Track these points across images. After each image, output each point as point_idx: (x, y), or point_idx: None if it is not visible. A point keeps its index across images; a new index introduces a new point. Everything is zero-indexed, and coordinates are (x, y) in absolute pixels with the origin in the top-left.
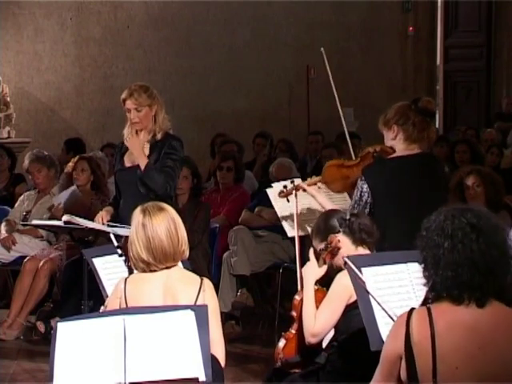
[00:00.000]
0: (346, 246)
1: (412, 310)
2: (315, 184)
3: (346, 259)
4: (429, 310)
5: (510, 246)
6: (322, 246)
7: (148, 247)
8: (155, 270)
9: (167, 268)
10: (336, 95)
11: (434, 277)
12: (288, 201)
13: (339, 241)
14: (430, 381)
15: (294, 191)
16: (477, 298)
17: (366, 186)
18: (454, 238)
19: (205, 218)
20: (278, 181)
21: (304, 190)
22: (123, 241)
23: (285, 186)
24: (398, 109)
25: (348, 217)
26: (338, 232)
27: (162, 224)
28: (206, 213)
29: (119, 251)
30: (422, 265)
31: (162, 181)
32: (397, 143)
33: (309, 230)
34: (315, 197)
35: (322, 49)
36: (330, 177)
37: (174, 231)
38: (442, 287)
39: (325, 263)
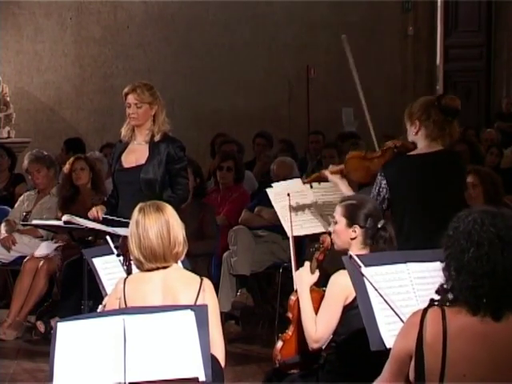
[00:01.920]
0: (356, 242)
1: (426, 309)
2: (338, 173)
3: (352, 254)
4: (443, 311)
5: None
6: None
7: (139, 246)
8: (150, 270)
9: (159, 268)
10: (357, 81)
11: (455, 281)
12: (311, 187)
13: (331, 241)
14: (436, 383)
15: (319, 178)
16: (493, 311)
17: (384, 182)
18: (480, 247)
19: (214, 222)
20: (278, 179)
21: (326, 179)
22: (120, 241)
23: (307, 175)
24: (422, 104)
25: (380, 225)
26: (359, 225)
27: (154, 224)
28: (212, 216)
29: (116, 251)
30: (444, 263)
31: (181, 200)
32: (418, 139)
33: (309, 229)
34: (338, 185)
35: (343, 36)
36: (352, 167)
37: (165, 233)
38: (461, 294)
39: (317, 262)
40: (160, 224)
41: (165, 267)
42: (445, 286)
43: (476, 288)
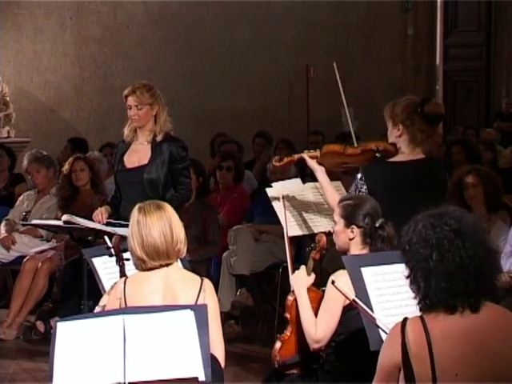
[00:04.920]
0: (355, 242)
1: (405, 320)
2: (313, 158)
3: (356, 300)
4: (422, 319)
5: (490, 240)
6: (337, 223)
7: (141, 244)
8: (152, 269)
9: (162, 266)
10: (346, 109)
11: (427, 289)
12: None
13: (327, 241)
14: None
15: (292, 161)
16: (471, 304)
17: (365, 188)
18: (441, 247)
19: (217, 224)
20: (275, 176)
21: (304, 161)
22: (113, 241)
23: (281, 157)
24: (406, 107)
25: (378, 224)
26: (356, 225)
27: (156, 222)
28: (215, 218)
29: (111, 251)
30: (410, 277)
31: (184, 200)
32: (401, 144)
33: (308, 230)
34: (315, 170)
35: (334, 64)
36: (327, 160)
37: (168, 230)
38: (437, 299)
39: (314, 261)
40: (162, 222)
41: (167, 264)
42: (418, 298)
43: (451, 287)
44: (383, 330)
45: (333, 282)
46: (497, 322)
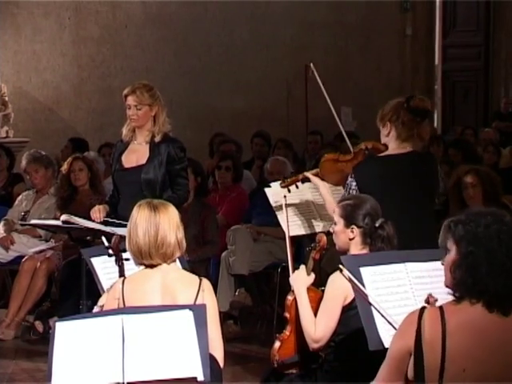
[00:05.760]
0: (355, 242)
1: (423, 308)
2: (315, 175)
3: (349, 275)
4: (441, 309)
5: None
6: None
7: (129, 241)
8: (147, 266)
9: (147, 267)
10: (330, 103)
11: (485, 277)
12: (289, 191)
13: (327, 241)
14: (436, 381)
15: (296, 181)
16: (506, 306)
17: (354, 184)
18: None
19: (216, 224)
20: (272, 177)
21: (308, 179)
22: (113, 241)
23: (285, 177)
24: (393, 106)
25: (378, 224)
26: (356, 225)
27: (144, 222)
28: (214, 218)
29: (109, 251)
30: (466, 260)
31: (180, 201)
32: (389, 141)
33: (307, 229)
34: (319, 186)
35: (311, 64)
36: (327, 170)
37: (152, 232)
38: (492, 290)
39: (314, 261)
40: (149, 223)
41: (152, 266)
42: (463, 281)
43: (507, 283)
44: (376, 309)
45: (341, 270)
46: None
